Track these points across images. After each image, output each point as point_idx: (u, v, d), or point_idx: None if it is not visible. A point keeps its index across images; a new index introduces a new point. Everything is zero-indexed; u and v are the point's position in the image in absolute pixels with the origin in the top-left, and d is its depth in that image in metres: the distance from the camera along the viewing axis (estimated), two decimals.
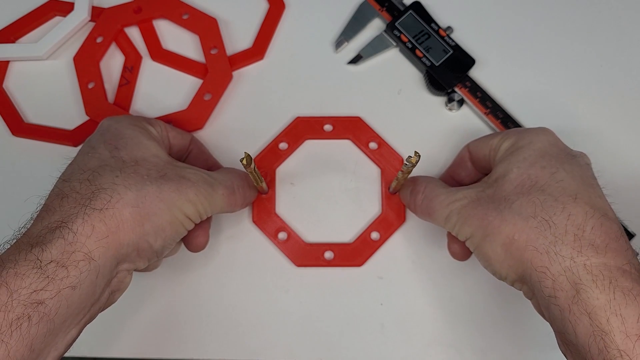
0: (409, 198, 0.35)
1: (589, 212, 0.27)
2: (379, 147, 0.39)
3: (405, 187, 0.36)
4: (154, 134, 0.33)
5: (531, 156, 0.30)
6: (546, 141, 0.31)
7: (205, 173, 0.32)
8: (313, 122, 0.40)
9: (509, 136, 0.32)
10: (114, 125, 0.32)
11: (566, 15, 0.43)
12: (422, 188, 0.34)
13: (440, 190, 0.32)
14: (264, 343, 0.36)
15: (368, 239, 0.38)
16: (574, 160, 0.30)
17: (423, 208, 0.33)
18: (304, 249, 0.37)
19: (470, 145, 0.35)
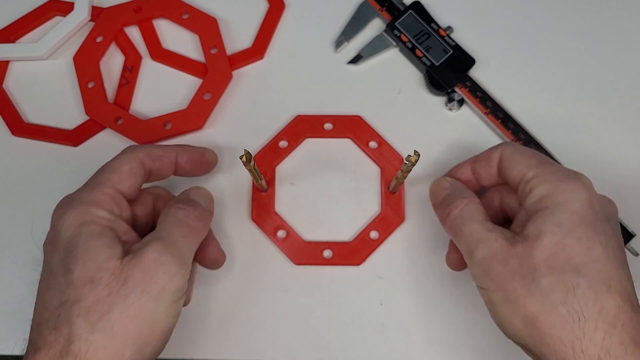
0: (443, 205, 0.33)
1: (621, 306, 0.26)
2: (379, 146, 0.39)
3: (442, 188, 0.34)
4: (103, 222, 0.29)
5: (568, 221, 0.27)
6: (584, 201, 0.28)
7: (161, 242, 0.29)
8: (313, 120, 0.40)
9: (545, 179, 0.29)
10: (62, 231, 0.29)
11: (566, 15, 0.43)
12: (461, 205, 0.31)
13: (477, 217, 0.30)
14: (264, 343, 0.36)
15: (367, 237, 0.38)
16: (609, 228, 0.28)
17: (453, 226, 0.31)
18: (303, 247, 0.37)
19: (505, 152, 0.32)
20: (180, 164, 0.35)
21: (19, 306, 0.37)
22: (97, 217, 0.29)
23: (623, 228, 0.37)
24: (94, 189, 0.30)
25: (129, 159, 0.32)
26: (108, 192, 0.30)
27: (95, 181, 0.31)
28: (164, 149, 0.34)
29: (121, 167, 0.31)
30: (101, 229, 0.29)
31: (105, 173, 0.31)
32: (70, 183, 0.39)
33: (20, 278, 0.37)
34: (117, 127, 0.40)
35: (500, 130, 0.39)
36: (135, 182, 0.32)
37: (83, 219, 0.29)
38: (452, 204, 0.32)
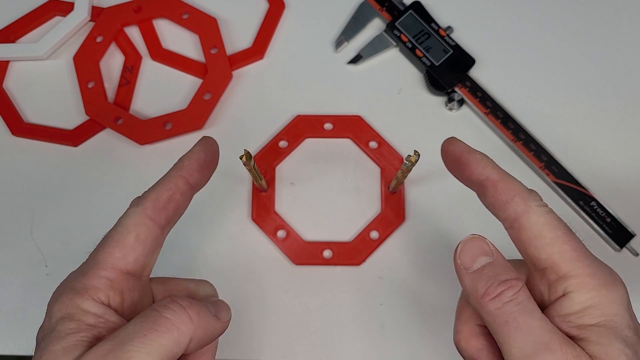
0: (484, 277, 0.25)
1: None
2: (379, 146, 0.39)
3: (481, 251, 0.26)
4: (85, 317, 0.24)
5: (629, 338, 0.23)
6: (624, 309, 0.24)
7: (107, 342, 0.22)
8: (313, 120, 0.40)
9: (585, 284, 0.24)
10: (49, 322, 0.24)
11: (566, 15, 0.43)
12: (517, 288, 0.24)
13: (536, 310, 0.24)
14: (264, 343, 0.36)
15: (367, 238, 0.38)
16: None
17: (503, 313, 0.24)
18: (302, 247, 0.37)
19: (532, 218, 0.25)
20: (194, 184, 0.28)
21: (19, 306, 0.37)
22: (80, 310, 0.24)
23: (623, 228, 0.37)
24: (89, 272, 0.25)
25: (134, 225, 0.26)
26: (105, 275, 0.25)
27: (94, 259, 0.25)
28: (169, 185, 0.27)
29: (125, 238, 0.26)
30: (77, 328, 0.23)
31: (106, 247, 0.26)
32: (70, 183, 0.40)
33: (20, 278, 0.38)
34: (117, 127, 0.40)
35: (500, 130, 0.39)
36: (144, 250, 0.26)
37: (65, 311, 0.24)
38: (503, 282, 0.24)
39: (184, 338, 0.23)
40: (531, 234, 0.25)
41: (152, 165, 0.40)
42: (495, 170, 0.27)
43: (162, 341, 0.22)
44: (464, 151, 0.28)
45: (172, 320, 0.23)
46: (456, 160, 0.28)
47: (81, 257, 0.38)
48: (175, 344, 0.22)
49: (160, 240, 0.27)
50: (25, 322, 0.37)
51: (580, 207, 0.38)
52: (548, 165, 0.39)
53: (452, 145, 0.29)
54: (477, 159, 0.28)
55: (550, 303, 0.25)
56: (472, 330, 0.27)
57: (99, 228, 0.38)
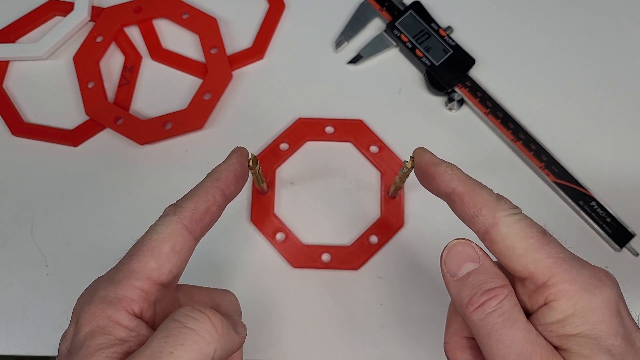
0: (468, 286, 0.24)
1: None
2: (380, 150, 0.39)
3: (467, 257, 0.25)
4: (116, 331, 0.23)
5: (615, 347, 0.22)
6: (614, 311, 0.23)
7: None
8: (314, 123, 0.40)
9: (565, 291, 0.23)
10: (79, 332, 0.23)
11: (566, 15, 0.43)
12: (501, 297, 0.23)
13: (520, 320, 0.23)
14: (264, 343, 0.36)
15: (366, 242, 0.37)
16: None
17: (486, 324, 0.23)
18: (301, 250, 0.37)
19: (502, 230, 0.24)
20: (229, 195, 0.28)
21: (19, 306, 0.37)
22: (112, 323, 0.23)
23: (623, 228, 0.37)
24: (122, 281, 0.24)
25: (170, 235, 0.25)
26: (140, 286, 0.24)
27: (128, 268, 0.24)
28: (206, 196, 0.27)
29: (160, 247, 0.24)
30: (107, 343, 0.22)
31: (140, 256, 0.24)
32: (70, 183, 0.40)
33: (20, 278, 0.37)
34: (117, 127, 0.40)
35: (500, 130, 0.39)
36: (179, 260, 0.25)
37: (97, 323, 0.23)
38: (487, 292, 0.24)
39: (210, 349, 0.22)
40: (503, 246, 0.24)
41: (152, 165, 0.40)
42: (462, 181, 0.26)
43: (190, 356, 0.21)
44: (430, 163, 0.27)
45: (197, 331, 0.22)
46: (424, 173, 0.27)
47: (81, 257, 0.39)
48: (202, 356, 0.22)
49: (192, 251, 0.26)
50: (25, 322, 0.37)
51: (580, 207, 0.38)
52: (548, 165, 0.39)
53: (418, 157, 0.28)
54: (442, 171, 0.26)
55: (533, 312, 0.24)
56: (458, 343, 0.27)
57: (99, 228, 0.38)
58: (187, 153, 0.40)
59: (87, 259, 0.38)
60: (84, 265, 0.37)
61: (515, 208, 0.25)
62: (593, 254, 0.37)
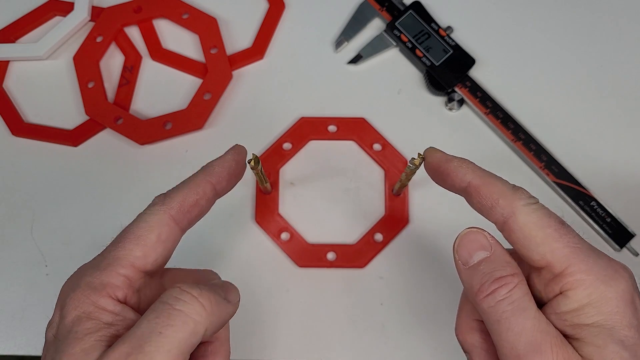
0: (479, 274, 0.24)
1: None
2: (383, 148, 0.39)
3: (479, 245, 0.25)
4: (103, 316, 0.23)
5: (628, 338, 0.22)
6: (630, 301, 0.23)
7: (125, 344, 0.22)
8: (317, 122, 0.40)
9: (581, 281, 0.23)
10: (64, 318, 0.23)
11: (566, 15, 0.43)
12: (511, 285, 0.24)
13: (530, 309, 0.23)
14: (264, 343, 0.36)
15: (371, 240, 0.38)
16: None
17: (496, 312, 0.23)
18: (306, 249, 0.37)
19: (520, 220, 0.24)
20: (220, 191, 0.28)
21: (19, 306, 0.37)
22: (97, 308, 0.23)
23: (623, 228, 0.37)
24: (106, 268, 0.24)
25: (157, 224, 0.25)
26: (124, 274, 0.24)
27: (113, 255, 0.24)
28: (196, 189, 0.27)
29: (147, 235, 0.25)
30: (95, 327, 0.23)
31: (126, 244, 0.25)
32: (70, 183, 0.40)
33: (20, 278, 0.38)
34: (117, 127, 0.40)
35: (500, 130, 0.39)
36: (164, 250, 0.25)
37: (82, 309, 0.23)
38: (498, 280, 0.24)
39: (200, 328, 0.22)
40: (521, 235, 0.24)
41: (152, 165, 0.40)
42: (476, 174, 0.26)
43: (180, 335, 0.22)
44: (442, 160, 0.27)
45: (186, 312, 0.22)
46: (436, 171, 0.28)
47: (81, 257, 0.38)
48: (192, 335, 0.22)
49: (177, 242, 0.26)
50: (25, 322, 0.37)
51: (580, 207, 0.38)
52: (548, 165, 0.39)
53: (430, 157, 0.28)
54: (455, 166, 0.27)
55: (548, 300, 0.24)
56: (469, 325, 0.27)
57: (99, 228, 0.38)
58: (187, 153, 0.40)
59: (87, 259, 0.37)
60: None
61: (533, 198, 0.25)
62: None
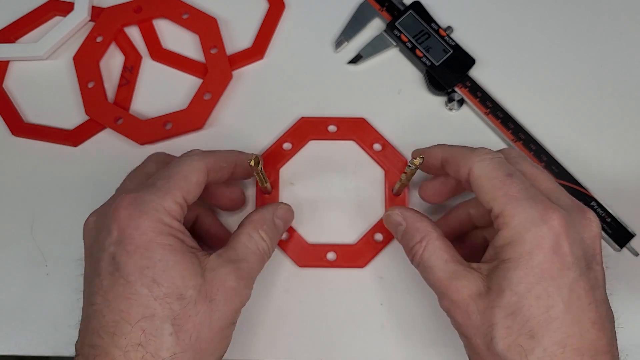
0: (404, 243, 0.32)
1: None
2: (383, 148, 0.39)
3: (395, 223, 0.32)
4: (178, 235, 0.29)
5: (528, 278, 0.26)
6: (548, 250, 0.26)
7: (239, 269, 0.29)
8: (317, 122, 0.40)
9: (509, 224, 0.27)
10: (136, 236, 0.27)
11: (566, 15, 0.43)
12: (420, 249, 0.30)
13: (438, 262, 0.29)
14: (264, 343, 0.36)
15: (371, 240, 0.37)
16: (577, 271, 0.27)
17: (420, 270, 0.31)
18: (306, 249, 0.37)
19: (473, 174, 0.30)
20: (236, 174, 0.34)
21: (19, 306, 0.37)
22: (173, 228, 0.28)
23: (623, 228, 0.37)
24: (165, 195, 0.28)
25: (198, 169, 0.30)
26: (179, 202, 0.29)
27: (166, 185, 0.29)
28: (226, 159, 0.33)
29: (190, 176, 0.30)
30: (179, 243, 0.28)
31: (175, 179, 0.29)
32: (70, 183, 0.40)
33: (20, 278, 0.38)
34: (117, 127, 0.40)
35: (500, 130, 0.39)
36: (199, 192, 0.31)
37: (159, 229, 0.28)
38: (412, 245, 0.31)
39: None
40: (475, 186, 0.29)
41: None
42: (444, 150, 0.32)
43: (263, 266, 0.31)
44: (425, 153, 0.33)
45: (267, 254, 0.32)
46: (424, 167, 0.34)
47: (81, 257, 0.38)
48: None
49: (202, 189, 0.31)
50: (25, 322, 0.37)
51: None
52: (548, 165, 0.39)
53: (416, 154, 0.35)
54: (430, 150, 0.33)
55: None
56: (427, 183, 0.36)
57: None
58: None
59: None
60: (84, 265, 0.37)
61: (490, 153, 0.30)
62: None
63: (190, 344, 0.27)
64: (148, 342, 0.26)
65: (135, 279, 0.27)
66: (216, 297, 0.28)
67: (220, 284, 0.28)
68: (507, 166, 0.29)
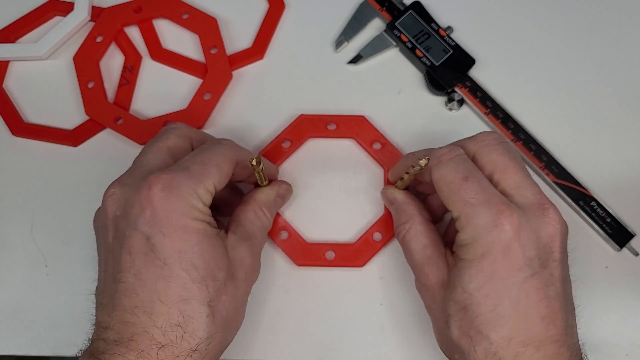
0: (394, 221, 0.35)
1: (520, 353, 0.27)
2: (383, 147, 0.39)
3: (389, 201, 0.36)
4: (208, 219, 0.30)
5: (478, 278, 0.28)
6: (500, 252, 0.28)
7: (252, 246, 0.32)
8: (316, 120, 0.40)
9: (465, 226, 0.29)
10: (173, 217, 0.28)
11: (566, 15, 0.43)
12: (403, 231, 0.33)
13: (416, 246, 0.32)
14: (264, 343, 0.36)
15: (370, 239, 0.37)
16: (528, 272, 0.28)
17: (402, 249, 0.34)
18: (305, 248, 0.37)
19: (433, 176, 0.31)
20: (235, 175, 0.34)
21: (19, 306, 0.37)
22: (205, 214, 0.29)
23: (623, 228, 0.37)
24: (200, 182, 0.29)
25: (229, 161, 0.31)
26: (210, 190, 0.30)
27: (201, 171, 0.30)
28: (249, 155, 0.33)
29: (223, 166, 0.31)
30: (210, 228, 0.29)
31: (209, 167, 0.30)
32: (70, 183, 0.40)
33: (20, 278, 0.38)
34: (117, 127, 0.40)
35: (500, 130, 0.39)
36: (226, 182, 0.32)
37: (194, 214, 0.29)
38: (397, 225, 0.34)
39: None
40: (437, 189, 0.30)
41: None
42: (409, 158, 0.35)
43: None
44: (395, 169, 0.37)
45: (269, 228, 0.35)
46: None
47: (81, 257, 0.39)
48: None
49: None
50: (25, 322, 0.37)
51: (580, 207, 0.38)
52: (548, 165, 0.39)
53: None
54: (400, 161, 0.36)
55: None
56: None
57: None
58: None
59: (87, 259, 0.37)
60: (84, 265, 0.37)
61: (448, 153, 0.31)
62: (593, 254, 0.37)
63: (221, 323, 0.29)
64: (186, 324, 0.27)
65: (173, 262, 0.27)
66: (238, 275, 0.30)
67: (240, 262, 0.30)
68: (464, 167, 0.30)
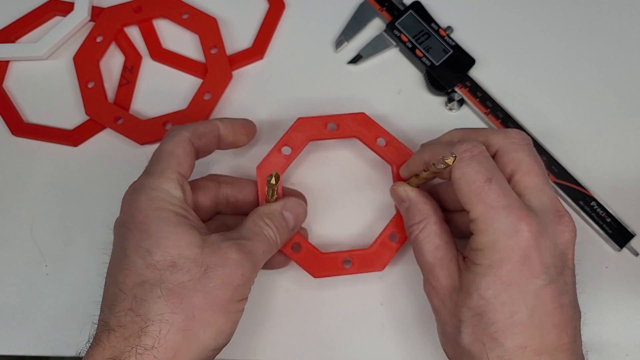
0: (405, 220, 0.33)
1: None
2: (388, 143, 0.37)
3: (400, 199, 0.34)
4: (176, 209, 0.30)
5: (496, 284, 0.27)
6: (518, 260, 0.27)
7: (243, 249, 0.30)
8: (316, 122, 0.38)
9: (484, 230, 0.28)
10: (135, 214, 0.29)
11: (566, 15, 0.43)
12: (417, 231, 0.32)
13: (429, 247, 0.31)
14: (264, 343, 0.36)
15: (387, 241, 0.36)
16: (545, 279, 0.27)
17: (413, 249, 0.32)
18: (320, 258, 0.35)
19: (454, 175, 0.30)
20: (223, 136, 0.34)
21: (19, 306, 0.37)
22: (170, 203, 0.30)
23: (623, 228, 0.37)
24: (160, 176, 0.30)
25: (180, 141, 0.32)
26: (173, 178, 0.30)
27: (157, 168, 0.31)
28: (206, 124, 0.34)
29: (175, 150, 0.31)
30: (176, 216, 0.29)
31: (163, 160, 0.31)
32: (70, 183, 0.40)
33: (20, 278, 0.38)
34: (117, 127, 0.40)
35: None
36: (191, 162, 0.32)
37: (156, 205, 0.29)
38: (411, 225, 0.32)
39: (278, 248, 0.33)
40: (456, 188, 0.30)
41: None
42: (427, 152, 0.33)
43: (269, 255, 0.32)
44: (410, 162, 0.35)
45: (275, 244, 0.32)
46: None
47: (81, 257, 0.39)
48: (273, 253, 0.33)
49: (195, 158, 0.33)
50: (25, 322, 0.37)
51: (580, 207, 0.38)
52: (548, 165, 0.39)
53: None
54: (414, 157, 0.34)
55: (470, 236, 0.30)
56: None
57: (100, 228, 0.38)
58: None
59: (87, 259, 0.38)
60: (84, 265, 0.37)
61: (470, 150, 0.30)
62: (593, 254, 0.37)
63: (181, 307, 0.27)
64: (138, 307, 0.27)
65: (132, 252, 0.28)
66: (214, 267, 0.28)
67: (219, 256, 0.29)
68: (487, 167, 0.29)
